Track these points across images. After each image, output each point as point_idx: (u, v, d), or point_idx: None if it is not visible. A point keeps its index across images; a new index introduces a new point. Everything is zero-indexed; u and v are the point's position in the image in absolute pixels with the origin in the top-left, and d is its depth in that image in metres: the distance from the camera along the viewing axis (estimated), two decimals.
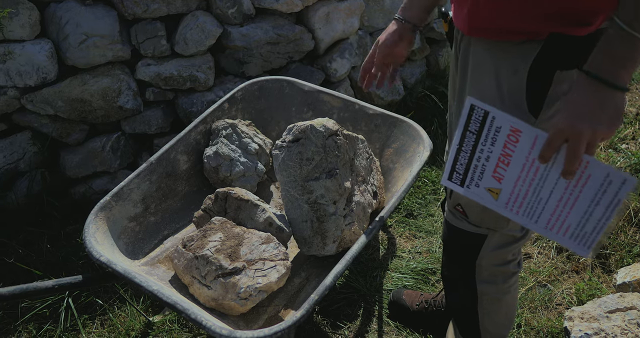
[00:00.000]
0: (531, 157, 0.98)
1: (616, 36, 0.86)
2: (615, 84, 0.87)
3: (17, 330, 1.72)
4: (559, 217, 0.99)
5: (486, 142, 1.02)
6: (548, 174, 0.97)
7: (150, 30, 2.11)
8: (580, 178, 0.93)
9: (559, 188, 0.97)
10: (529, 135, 0.96)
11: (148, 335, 1.74)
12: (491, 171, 1.04)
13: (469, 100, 1.01)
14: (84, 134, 2.18)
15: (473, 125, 1.02)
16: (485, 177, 1.06)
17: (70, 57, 1.99)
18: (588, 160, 0.91)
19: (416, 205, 2.42)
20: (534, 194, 1.01)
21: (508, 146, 0.99)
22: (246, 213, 1.52)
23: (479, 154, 1.04)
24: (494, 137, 1.01)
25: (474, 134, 1.03)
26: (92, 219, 1.44)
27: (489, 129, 1.01)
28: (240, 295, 1.32)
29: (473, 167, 1.06)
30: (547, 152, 0.94)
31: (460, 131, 1.04)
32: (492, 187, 1.05)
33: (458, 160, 1.08)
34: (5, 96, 1.95)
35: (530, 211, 1.03)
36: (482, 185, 1.07)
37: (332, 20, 2.45)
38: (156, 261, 1.55)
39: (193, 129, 1.75)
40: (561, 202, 0.98)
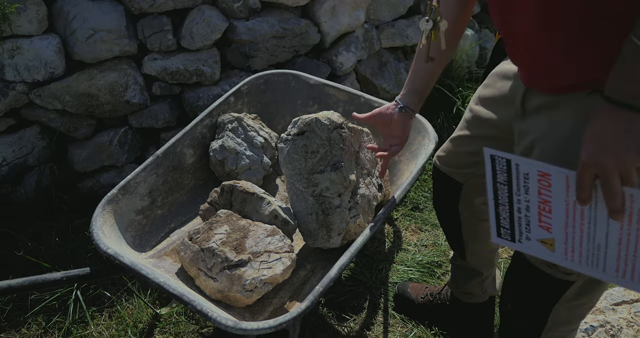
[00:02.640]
0: (570, 199, 0.88)
1: (632, 55, 0.79)
2: (637, 107, 0.80)
3: (27, 321, 1.75)
4: (626, 263, 0.87)
5: (519, 191, 0.93)
6: (596, 216, 0.87)
7: (157, 24, 2.12)
8: (631, 215, 0.82)
9: (613, 230, 0.86)
10: (559, 176, 0.87)
11: (155, 327, 1.76)
12: (536, 221, 0.94)
13: (486, 151, 0.93)
14: (92, 128, 2.19)
15: (500, 176, 0.94)
16: (533, 228, 0.96)
17: (78, 52, 2.01)
18: (632, 193, 0.81)
19: (422, 198, 2.42)
20: (589, 240, 0.90)
21: (543, 192, 0.90)
22: (252, 206, 1.53)
23: (517, 204, 0.95)
24: (526, 185, 0.92)
25: (504, 184, 0.95)
26: (99, 212, 1.45)
27: (517, 177, 0.92)
28: (245, 287, 1.34)
29: (517, 219, 0.97)
30: (582, 192, 0.85)
31: (491, 184, 0.97)
32: (544, 237, 0.95)
33: (500, 215, 0.99)
34: (13, 91, 1.97)
35: (593, 259, 0.91)
36: (532, 237, 0.97)
37: (338, 13, 2.44)
38: (163, 254, 1.57)
39: (199, 122, 1.76)
40: (622, 245, 0.86)
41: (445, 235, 1.66)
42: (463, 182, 1.43)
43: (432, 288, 1.85)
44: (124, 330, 1.73)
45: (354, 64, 2.59)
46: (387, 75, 2.75)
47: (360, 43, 2.60)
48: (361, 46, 2.61)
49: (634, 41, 0.79)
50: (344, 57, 2.52)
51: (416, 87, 1.36)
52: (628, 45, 0.80)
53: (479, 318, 1.73)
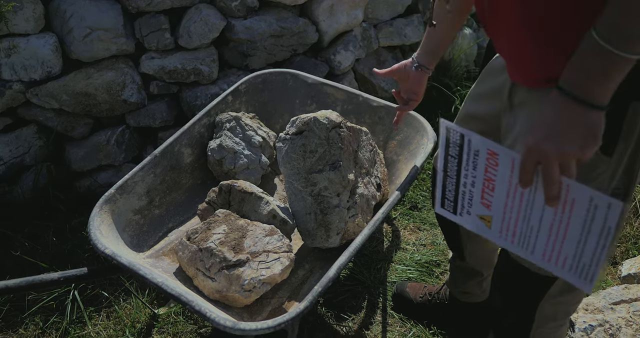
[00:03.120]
0: (513, 181, 0.90)
1: (591, 50, 0.79)
2: (589, 102, 0.80)
3: (24, 322, 1.74)
4: (554, 247, 0.91)
5: (468, 166, 0.95)
6: (534, 200, 0.89)
7: (154, 23, 2.11)
8: (565, 204, 0.85)
9: (547, 215, 0.89)
10: (506, 158, 0.89)
11: (153, 327, 1.75)
12: (479, 197, 0.97)
13: (443, 123, 0.94)
14: (89, 127, 2.18)
15: (452, 149, 0.96)
16: (474, 204, 0.99)
17: (75, 51, 2.00)
18: (568, 183, 0.83)
19: (420, 197, 2.42)
20: (524, 222, 0.93)
21: (489, 170, 0.92)
22: (250, 206, 1.52)
23: (464, 179, 0.97)
24: (475, 161, 0.94)
25: (455, 158, 0.97)
26: (97, 212, 1.45)
27: (468, 153, 0.94)
28: (244, 287, 1.33)
29: (461, 193, 1.00)
30: (524, 176, 0.86)
31: (442, 155, 0.98)
32: (483, 214, 0.98)
33: (446, 187, 1.02)
34: (10, 90, 1.96)
35: (525, 240, 0.95)
36: (473, 212, 1.00)
37: (336, 12, 2.44)
38: (161, 253, 1.56)
39: (197, 122, 1.75)
40: (552, 231, 0.89)
41: (444, 235, 1.66)
42: None
43: (430, 287, 1.84)
44: (122, 330, 1.72)
45: (352, 63, 2.58)
46: None
47: (359, 42, 2.59)
48: (359, 45, 2.60)
49: (593, 36, 0.79)
50: (342, 56, 2.51)
51: (430, 48, 1.41)
52: (587, 40, 0.80)
53: (478, 318, 1.73)
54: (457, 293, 1.71)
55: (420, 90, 1.49)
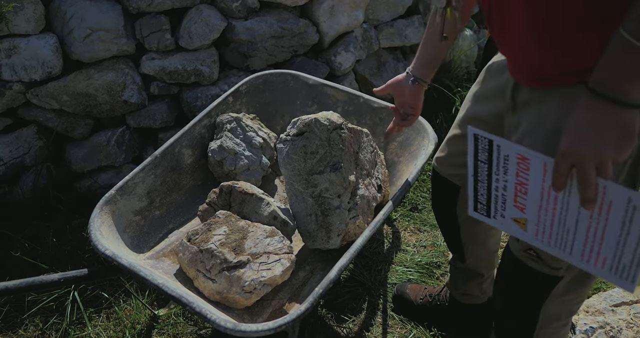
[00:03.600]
0: (546, 184, 0.90)
1: (620, 48, 0.79)
2: (622, 101, 0.79)
3: (24, 323, 1.74)
4: (592, 249, 0.90)
5: (499, 171, 0.96)
6: (568, 202, 0.89)
7: (155, 24, 2.11)
8: (602, 206, 0.84)
9: (583, 217, 0.88)
10: (537, 162, 0.89)
11: (153, 329, 1.75)
12: (512, 201, 0.98)
13: (470, 130, 0.96)
14: (89, 128, 2.18)
15: (481, 154, 0.97)
16: (508, 207, 0.99)
17: (75, 52, 1.99)
18: (605, 185, 0.82)
19: (421, 198, 2.41)
20: (559, 224, 0.93)
21: (520, 174, 0.93)
22: (250, 207, 1.52)
23: (496, 183, 0.98)
24: (505, 166, 0.94)
25: (485, 163, 0.97)
26: (97, 213, 1.45)
27: (497, 158, 0.95)
28: (244, 288, 1.33)
29: (494, 197, 1.00)
30: (557, 180, 0.86)
31: (472, 161, 0.99)
32: (517, 217, 0.99)
33: (478, 191, 1.02)
34: (10, 91, 1.96)
35: (562, 242, 0.94)
36: (507, 215, 1.00)
37: (337, 13, 2.44)
38: (161, 255, 1.56)
39: (197, 122, 1.75)
40: (590, 232, 0.89)
41: (444, 237, 1.66)
42: (460, 185, 1.43)
43: (430, 289, 1.84)
44: (122, 331, 1.72)
45: (352, 64, 2.58)
46: (386, 75, 2.74)
47: (359, 43, 2.59)
48: (360, 46, 2.60)
49: (622, 34, 0.78)
50: (343, 57, 2.51)
51: (427, 60, 1.36)
52: (616, 39, 0.80)
53: (478, 319, 1.72)
54: (457, 294, 1.71)
55: (418, 104, 1.43)
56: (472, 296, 1.68)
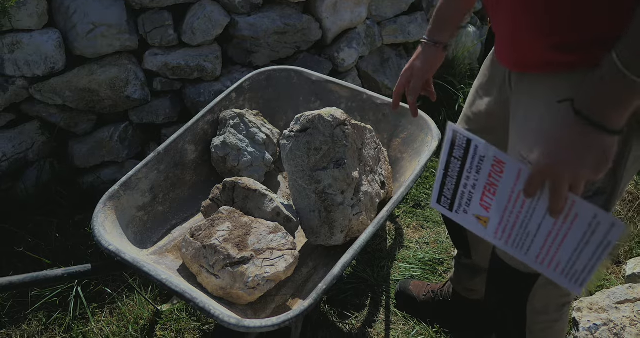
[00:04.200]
0: (516, 189, 0.93)
1: (611, 76, 0.78)
2: (606, 128, 0.81)
3: (28, 318, 1.74)
4: (548, 252, 0.94)
5: (471, 169, 0.98)
6: (535, 208, 0.92)
7: (158, 19, 2.10)
8: (567, 216, 0.88)
9: (546, 224, 0.92)
10: (512, 167, 0.91)
11: (156, 324, 1.75)
12: (478, 199, 1.01)
13: (450, 126, 0.97)
14: (92, 124, 2.18)
15: (457, 151, 0.98)
16: (472, 204, 1.02)
17: (78, 47, 1.99)
18: (574, 200, 0.86)
19: (424, 195, 2.41)
20: (522, 227, 0.96)
21: (493, 176, 0.95)
22: (254, 203, 1.52)
23: (465, 180, 1.01)
24: (479, 166, 0.97)
25: (458, 160, 0.99)
26: (100, 208, 1.44)
27: (473, 157, 0.96)
28: (248, 284, 1.33)
29: (460, 193, 1.03)
30: (530, 189, 0.88)
31: (445, 156, 1.01)
32: (480, 214, 1.02)
33: (445, 185, 1.05)
34: (13, 86, 1.96)
35: (520, 242, 0.99)
36: (470, 211, 1.04)
37: (340, 9, 2.43)
38: (164, 250, 1.56)
39: (201, 118, 1.75)
40: (550, 238, 0.93)
41: (450, 234, 1.66)
42: None
43: (433, 285, 1.84)
44: (125, 326, 1.72)
45: (355, 61, 2.57)
46: (389, 72, 2.73)
47: (362, 39, 2.58)
48: (363, 42, 2.59)
49: (614, 61, 0.77)
50: (346, 53, 2.51)
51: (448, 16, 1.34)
52: (607, 63, 0.79)
53: (482, 315, 1.72)
54: (462, 290, 1.71)
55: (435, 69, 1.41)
56: (477, 292, 1.68)
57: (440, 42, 1.37)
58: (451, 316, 1.77)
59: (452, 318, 1.77)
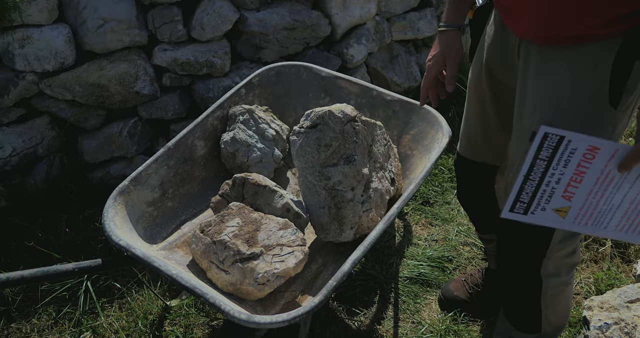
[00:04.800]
0: (607, 169, 1.00)
1: None
2: None
3: (38, 312, 1.75)
4: (629, 218, 1.04)
5: (558, 165, 1.01)
6: (623, 182, 1.00)
7: (167, 15, 2.10)
8: None
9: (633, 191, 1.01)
10: (607, 150, 0.98)
11: (165, 319, 1.76)
12: (561, 192, 1.04)
13: (542, 129, 0.98)
14: (102, 119, 2.18)
15: (544, 152, 1.00)
16: (554, 199, 1.05)
17: (88, 42, 1.99)
18: None
19: (432, 192, 2.40)
20: (605, 202, 1.03)
21: (582, 164, 1.00)
22: (263, 199, 1.52)
23: (549, 178, 1.03)
24: (568, 159, 1.00)
25: (544, 161, 1.01)
26: (111, 203, 1.45)
27: (562, 153, 0.99)
28: (258, 280, 1.33)
29: (541, 192, 1.05)
30: (631, 164, 0.96)
31: (530, 161, 1.02)
32: (561, 206, 1.05)
33: (523, 190, 1.05)
34: (23, 81, 1.96)
35: (600, 219, 1.06)
36: (549, 207, 1.06)
37: (349, 5, 2.41)
38: (174, 246, 1.56)
39: (210, 114, 1.75)
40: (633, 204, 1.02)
41: (477, 222, 1.67)
42: (499, 164, 1.46)
43: (471, 278, 1.83)
44: (134, 321, 1.73)
45: (364, 57, 2.56)
46: (398, 68, 2.72)
47: (371, 35, 2.57)
48: (372, 38, 2.58)
49: None
50: (355, 49, 2.50)
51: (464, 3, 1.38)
52: None
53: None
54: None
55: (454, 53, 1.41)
56: None
57: (458, 25, 1.38)
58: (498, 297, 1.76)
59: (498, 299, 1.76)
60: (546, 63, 1.11)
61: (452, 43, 1.39)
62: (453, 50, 1.39)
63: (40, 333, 1.70)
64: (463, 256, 2.08)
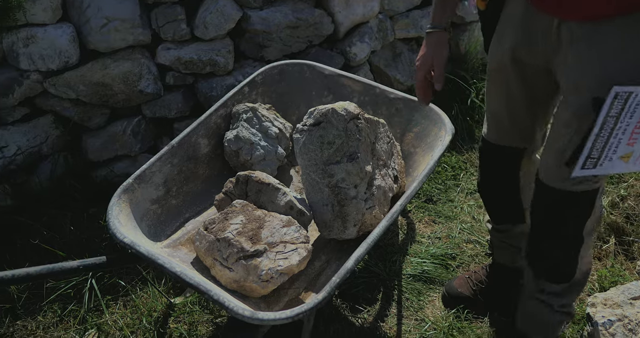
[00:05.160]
0: None
1: None
2: None
3: (43, 309, 1.76)
4: None
5: (625, 118, 1.09)
6: None
7: (170, 13, 2.11)
8: None
9: None
10: None
11: (170, 316, 1.76)
12: (627, 140, 1.11)
13: (614, 89, 1.06)
14: (105, 117, 2.20)
15: (614, 110, 1.08)
16: (620, 148, 1.13)
17: (92, 41, 2.00)
18: None
19: (436, 190, 2.40)
20: None
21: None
22: (267, 197, 1.52)
23: (617, 131, 1.11)
24: (635, 110, 1.08)
25: (614, 117, 1.09)
26: (115, 201, 1.46)
27: (630, 106, 1.07)
28: (261, 277, 1.33)
29: (610, 144, 1.12)
30: None
31: (600, 121, 1.09)
32: (625, 152, 1.13)
33: (594, 147, 1.13)
34: (28, 80, 1.97)
35: None
36: (616, 156, 1.14)
37: (352, 3, 2.42)
38: (178, 243, 1.57)
39: (214, 112, 1.75)
40: None
41: (495, 211, 1.69)
42: (528, 146, 1.49)
43: (475, 275, 1.84)
44: (139, 318, 1.74)
45: (367, 55, 2.56)
46: (401, 67, 2.72)
47: (375, 34, 2.57)
48: (375, 37, 2.58)
49: None
50: (358, 47, 2.50)
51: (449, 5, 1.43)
52: None
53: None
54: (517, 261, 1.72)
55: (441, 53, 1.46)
56: None
57: (441, 25, 1.43)
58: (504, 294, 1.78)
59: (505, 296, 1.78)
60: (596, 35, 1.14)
61: (439, 43, 1.44)
62: (440, 51, 1.44)
63: (45, 331, 1.71)
64: (466, 253, 2.08)
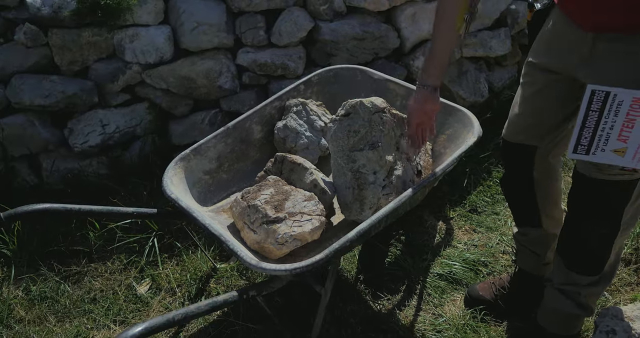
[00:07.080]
0: None
1: None
2: None
3: (112, 257, 2.10)
4: None
5: (609, 114, 1.20)
6: None
7: (252, 22, 2.42)
8: None
9: None
10: None
11: (212, 278, 2.01)
12: (616, 136, 1.22)
13: (589, 87, 1.20)
14: (189, 107, 2.54)
15: (595, 105, 1.21)
16: (610, 142, 1.23)
17: (184, 41, 2.36)
18: None
19: (482, 202, 2.45)
20: None
21: (631, 113, 1.18)
22: (297, 175, 1.73)
23: (603, 125, 1.22)
24: (617, 109, 1.19)
25: (596, 111, 1.21)
26: (172, 166, 1.74)
27: (611, 105, 1.19)
28: (278, 240, 1.53)
29: (598, 136, 1.24)
30: None
31: (583, 113, 1.23)
32: (618, 148, 1.23)
33: (582, 135, 1.26)
34: (130, 70, 2.37)
35: None
36: (607, 148, 1.24)
37: (419, 20, 2.58)
38: (221, 210, 1.82)
39: (269, 103, 2.01)
40: None
41: (517, 211, 1.77)
42: (538, 144, 1.57)
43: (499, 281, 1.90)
44: (186, 275, 2.01)
45: None
46: (465, 83, 2.82)
47: None
48: None
49: None
50: (421, 61, 2.64)
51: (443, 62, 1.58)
52: None
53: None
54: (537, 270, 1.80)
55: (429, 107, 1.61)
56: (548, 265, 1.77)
57: (432, 86, 1.57)
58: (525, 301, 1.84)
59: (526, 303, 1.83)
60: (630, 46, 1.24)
61: (428, 100, 1.58)
62: (429, 106, 1.60)
63: (111, 274, 2.04)
64: (500, 263, 2.12)
